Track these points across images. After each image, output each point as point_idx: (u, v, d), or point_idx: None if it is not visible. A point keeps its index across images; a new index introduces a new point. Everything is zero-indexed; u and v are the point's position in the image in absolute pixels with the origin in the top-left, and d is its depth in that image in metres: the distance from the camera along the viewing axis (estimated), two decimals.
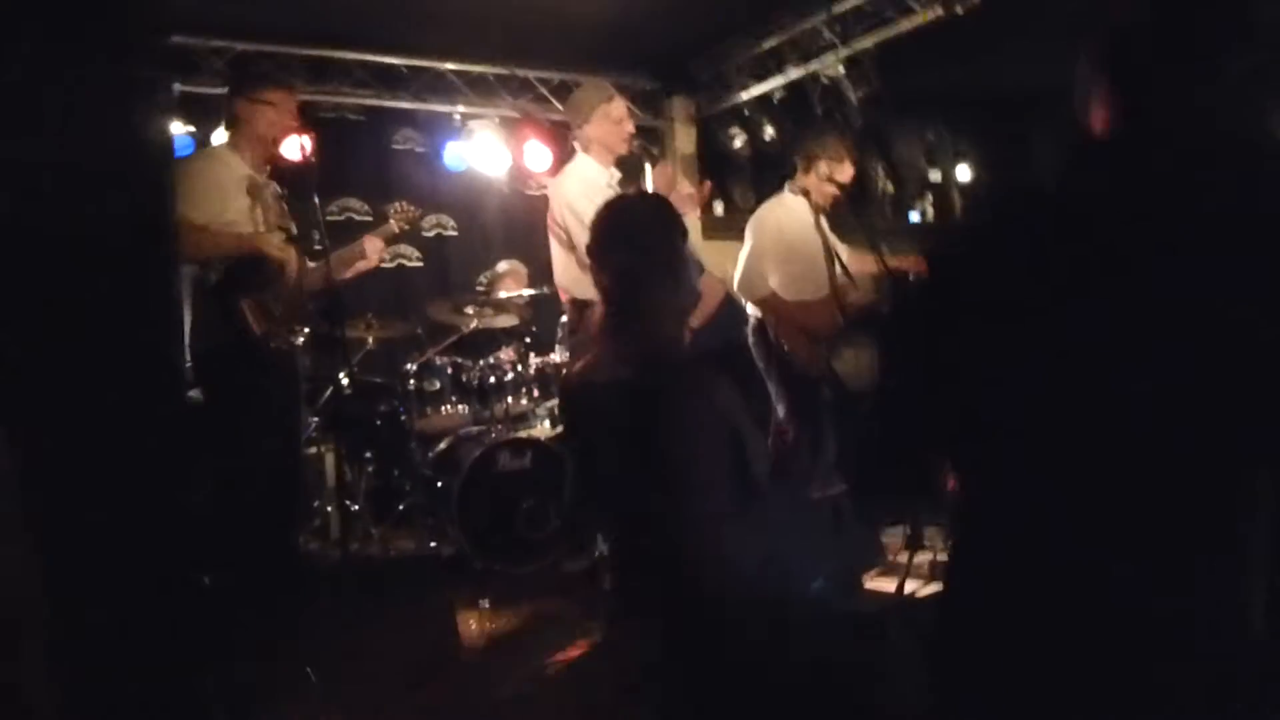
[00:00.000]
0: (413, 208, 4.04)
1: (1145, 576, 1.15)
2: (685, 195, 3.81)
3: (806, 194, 4.38)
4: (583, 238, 3.85)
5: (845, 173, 4.36)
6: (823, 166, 4.34)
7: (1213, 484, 1.14)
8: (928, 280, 1.36)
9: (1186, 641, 1.16)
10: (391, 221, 3.99)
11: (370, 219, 5.76)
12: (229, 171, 3.46)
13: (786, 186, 4.49)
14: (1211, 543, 1.15)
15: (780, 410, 4.41)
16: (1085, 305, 1.14)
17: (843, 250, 4.50)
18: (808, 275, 4.37)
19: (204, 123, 5.17)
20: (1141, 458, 1.14)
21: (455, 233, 6.48)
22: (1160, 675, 1.15)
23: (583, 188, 3.81)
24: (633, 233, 2.00)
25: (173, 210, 2.89)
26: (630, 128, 4.00)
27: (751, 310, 4.51)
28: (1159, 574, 1.15)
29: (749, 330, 4.57)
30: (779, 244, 4.35)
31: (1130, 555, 1.16)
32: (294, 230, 3.64)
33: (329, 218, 5.41)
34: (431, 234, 6.41)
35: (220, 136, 3.82)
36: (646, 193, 2.21)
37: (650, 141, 6.76)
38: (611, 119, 3.91)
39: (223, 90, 4.09)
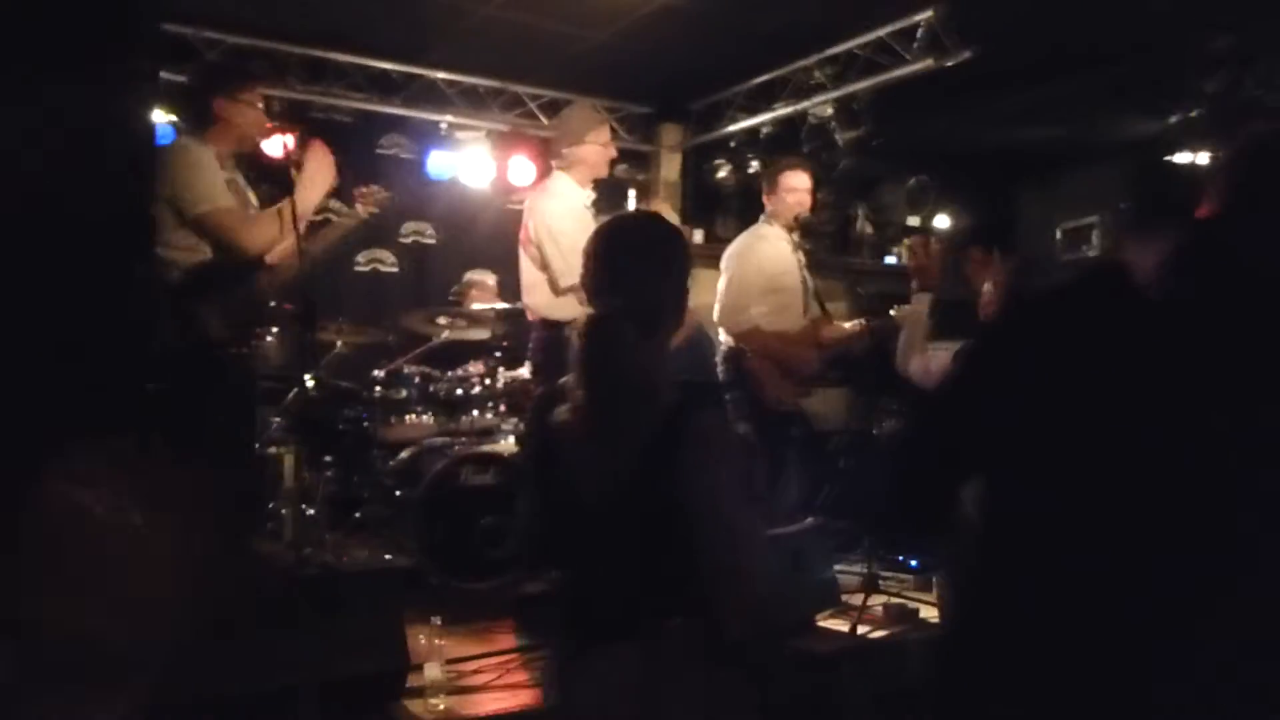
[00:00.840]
0: (378, 189, 3.92)
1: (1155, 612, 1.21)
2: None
3: (779, 219, 4.43)
4: (557, 258, 3.86)
5: (804, 183, 4.44)
6: (784, 180, 4.43)
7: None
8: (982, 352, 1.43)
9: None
10: (359, 206, 3.88)
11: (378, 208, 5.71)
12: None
13: (761, 219, 4.55)
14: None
15: None
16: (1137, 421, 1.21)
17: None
18: (788, 305, 4.41)
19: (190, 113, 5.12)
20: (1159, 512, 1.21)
21: (434, 241, 6.46)
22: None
23: (562, 208, 3.82)
24: (656, 258, 1.81)
25: (151, 200, 2.86)
26: (615, 153, 4.03)
27: (724, 340, 4.52)
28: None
29: (719, 361, 4.57)
30: (760, 275, 4.38)
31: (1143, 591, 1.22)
32: None
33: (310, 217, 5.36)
34: (409, 240, 6.39)
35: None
36: (655, 213, 2.04)
37: (636, 165, 6.80)
38: (600, 143, 3.93)
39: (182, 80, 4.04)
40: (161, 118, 4.93)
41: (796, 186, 4.43)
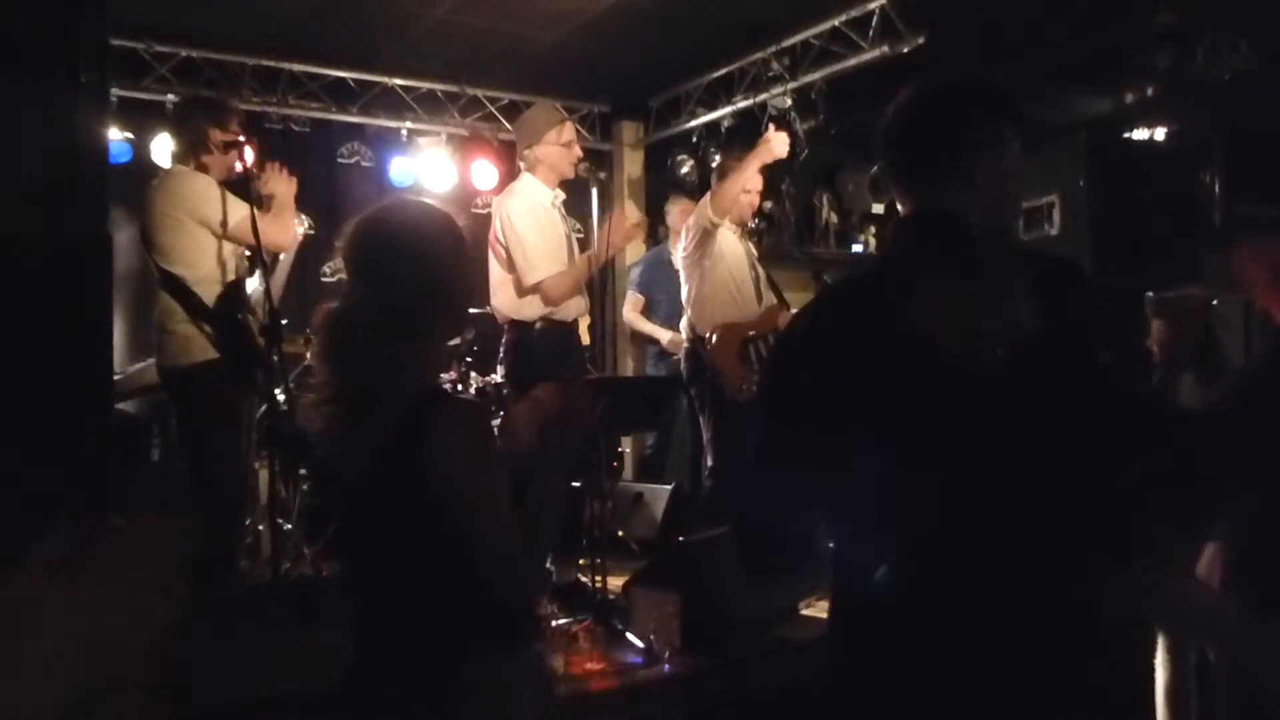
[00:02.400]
0: (300, 215, 4.11)
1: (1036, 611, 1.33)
2: (633, 226, 3.88)
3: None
4: (520, 256, 3.86)
5: (755, 181, 4.44)
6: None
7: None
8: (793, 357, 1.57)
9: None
10: (301, 230, 4.09)
11: (313, 232, 5.68)
12: None
13: None
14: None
15: (706, 436, 4.41)
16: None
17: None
18: (740, 297, 4.41)
19: (143, 129, 5.06)
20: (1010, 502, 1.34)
21: None
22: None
23: (526, 208, 3.82)
24: (409, 250, 1.70)
25: (106, 218, 2.84)
26: (579, 152, 4.02)
27: (685, 335, 4.52)
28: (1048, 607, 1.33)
29: (681, 355, 4.58)
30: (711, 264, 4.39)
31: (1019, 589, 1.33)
32: None
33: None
34: None
35: (162, 145, 3.91)
36: (423, 203, 1.86)
37: (598, 164, 6.78)
38: (561, 142, 3.93)
39: (168, 99, 4.10)
40: (117, 135, 4.89)
41: (749, 186, 4.43)
